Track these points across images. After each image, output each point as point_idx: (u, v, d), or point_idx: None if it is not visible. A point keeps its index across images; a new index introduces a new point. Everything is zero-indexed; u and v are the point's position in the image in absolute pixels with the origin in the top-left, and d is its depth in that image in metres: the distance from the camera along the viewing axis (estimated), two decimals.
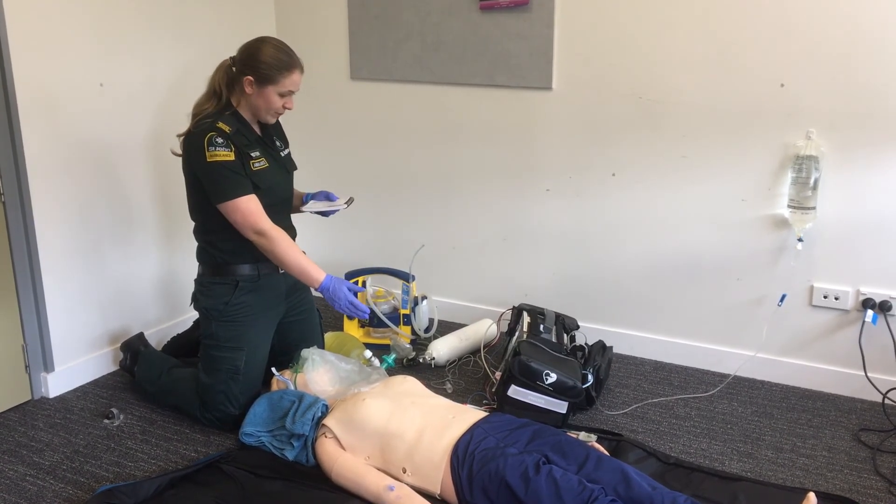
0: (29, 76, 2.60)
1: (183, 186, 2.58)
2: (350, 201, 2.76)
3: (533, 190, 3.22)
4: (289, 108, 2.55)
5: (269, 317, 2.66)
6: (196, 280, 2.66)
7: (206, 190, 2.47)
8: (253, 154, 2.50)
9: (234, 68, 2.49)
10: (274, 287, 2.65)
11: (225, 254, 2.56)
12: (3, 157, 2.61)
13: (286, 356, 2.74)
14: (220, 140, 2.40)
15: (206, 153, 2.40)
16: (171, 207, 3.17)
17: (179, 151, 2.54)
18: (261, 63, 2.44)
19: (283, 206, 2.68)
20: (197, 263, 2.66)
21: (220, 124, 2.43)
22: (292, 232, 2.70)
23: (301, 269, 2.50)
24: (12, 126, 2.59)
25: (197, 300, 2.65)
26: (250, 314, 2.59)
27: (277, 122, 2.69)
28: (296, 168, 2.78)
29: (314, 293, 2.71)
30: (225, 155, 2.40)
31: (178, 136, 2.55)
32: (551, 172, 3.16)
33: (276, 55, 2.45)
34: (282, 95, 2.49)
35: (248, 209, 2.45)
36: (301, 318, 2.80)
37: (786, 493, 2.23)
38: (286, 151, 2.72)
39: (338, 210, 2.77)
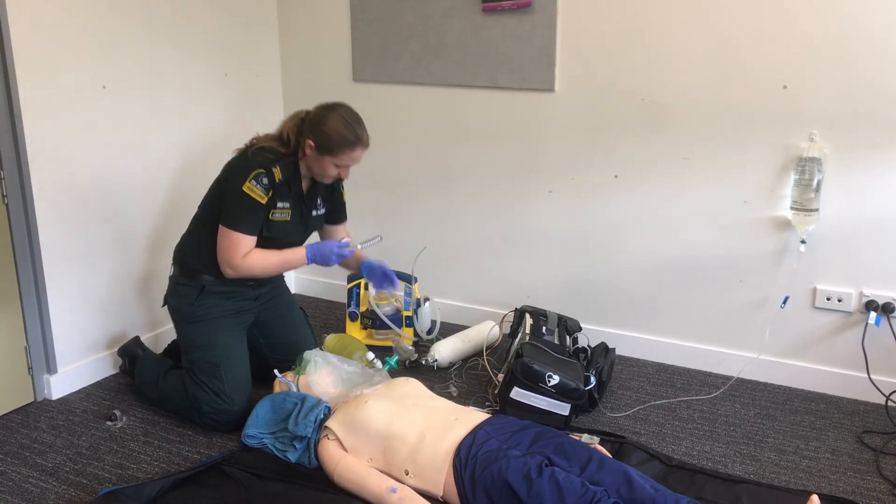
0: (32, 77, 2.60)
1: (187, 189, 2.58)
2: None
3: (535, 192, 3.21)
4: (344, 178, 2.58)
5: (237, 319, 2.68)
6: (169, 278, 2.70)
7: (222, 208, 2.50)
8: (280, 204, 2.53)
9: (304, 122, 2.52)
10: (242, 295, 2.69)
11: (203, 265, 2.59)
12: (7, 159, 2.61)
13: (279, 355, 2.78)
14: (265, 181, 2.45)
15: (246, 182, 2.44)
16: (174, 209, 3.17)
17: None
18: (324, 133, 2.46)
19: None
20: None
21: (276, 169, 2.47)
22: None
23: (284, 265, 2.58)
24: (15, 128, 2.60)
25: (167, 300, 2.70)
26: (217, 315, 2.62)
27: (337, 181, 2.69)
28: (321, 227, 2.79)
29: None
30: (259, 195, 2.45)
31: (237, 149, 2.59)
32: (553, 174, 3.16)
33: (342, 130, 2.46)
34: (337, 166, 2.52)
35: (237, 243, 2.48)
36: (281, 314, 2.83)
37: (789, 496, 2.22)
38: (321, 211, 2.73)
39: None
